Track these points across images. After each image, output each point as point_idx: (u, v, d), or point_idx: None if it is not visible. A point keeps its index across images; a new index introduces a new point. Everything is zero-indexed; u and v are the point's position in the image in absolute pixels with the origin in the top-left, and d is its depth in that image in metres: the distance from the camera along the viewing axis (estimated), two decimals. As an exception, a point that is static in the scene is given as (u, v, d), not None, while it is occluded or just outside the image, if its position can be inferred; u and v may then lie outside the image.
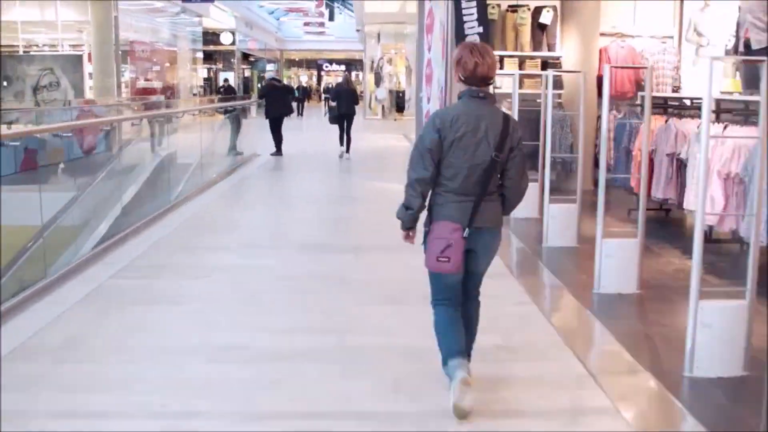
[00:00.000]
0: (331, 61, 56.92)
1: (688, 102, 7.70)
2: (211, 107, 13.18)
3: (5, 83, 16.32)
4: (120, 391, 3.56)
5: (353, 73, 57.66)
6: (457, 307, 3.41)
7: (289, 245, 6.88)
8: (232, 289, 5.34)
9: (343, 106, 14.21)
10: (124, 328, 4.44)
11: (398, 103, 29.79)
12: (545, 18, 9.87)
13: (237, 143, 13.78)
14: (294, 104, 26.52)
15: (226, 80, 25.88)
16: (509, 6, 9.97)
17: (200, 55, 27.34)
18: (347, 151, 14.04)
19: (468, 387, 3.17)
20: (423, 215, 3.39)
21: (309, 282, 5.54)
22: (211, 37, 31.76)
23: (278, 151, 14.47)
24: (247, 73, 38.91)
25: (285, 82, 28.81)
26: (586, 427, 3.30)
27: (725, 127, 5.73)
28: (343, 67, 57.66)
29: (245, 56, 37.32)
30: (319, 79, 54.75)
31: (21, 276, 6.25)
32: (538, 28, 9.94)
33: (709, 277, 4.90)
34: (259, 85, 15.66)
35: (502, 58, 9.40)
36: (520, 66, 9.56)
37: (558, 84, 9.03)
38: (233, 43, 31.97)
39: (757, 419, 3.36)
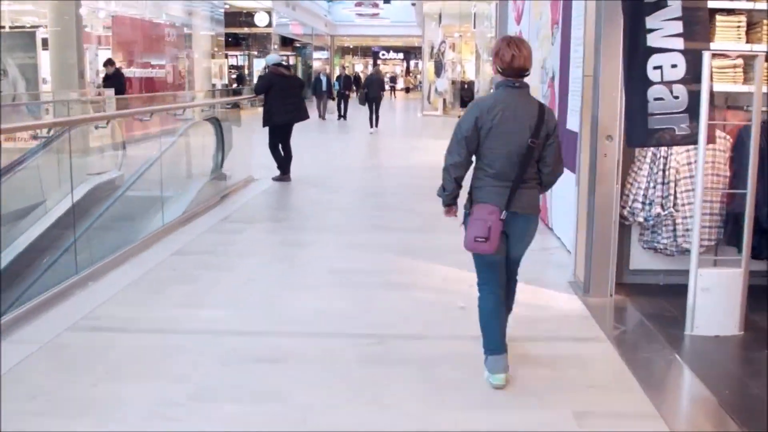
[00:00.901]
0: (388, 49, 52.38)
1: None
2: (169, 108, 8.37)
3: None
4: None
5: (412, 62, 53.46)
6: (499, 290, 3.50)
7: None
8: None
9: (373, 91, 17.86)
10: None
11: (463, 96, 24.36)
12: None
13: (221, 161, 8.91)
14: (332, 102, 21.55)
15: (232, 68, 21.09)
16: None
17: (222, 37, 22.51)
18: (376, 125, 17.53)
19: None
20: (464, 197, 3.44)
21: None
22: (243, 18, 27.21)
23: (284, 174, 9.55)
24: (292, 61, 34.30)
25: (337, 72, 23.56)
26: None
27: None
28: (401, 56, 53.06)
29: (287, 41, 32.67)
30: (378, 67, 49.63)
31: None
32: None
33: None
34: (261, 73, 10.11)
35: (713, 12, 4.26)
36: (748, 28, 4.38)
37: None
38: (269, 25, 27.27)
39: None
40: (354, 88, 33.69)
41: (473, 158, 3.37)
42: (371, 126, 17.49)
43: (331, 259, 5.42)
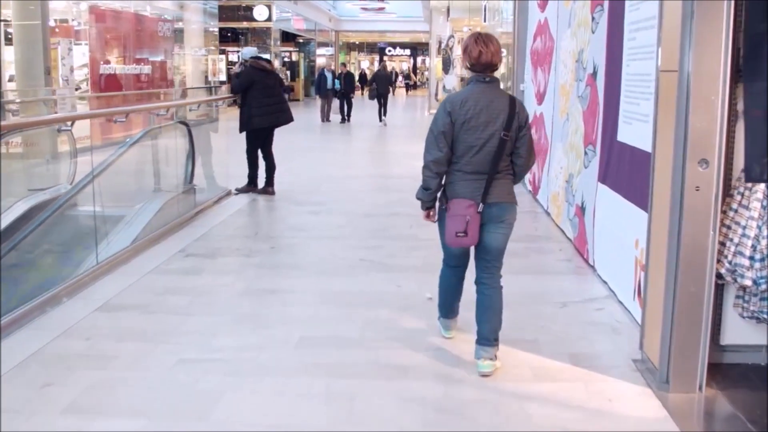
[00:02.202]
0: (394, 45, 50.96)
1: None
2: (119, 112, 6.98)
3: None
4: None
5: (419, 59, 51.96)
6: (461, 270, 3.68)
7: None
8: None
9: (381, 87, 19.08)
10: None
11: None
12: None
13: (191, 173, 7.51)
14: (334, 102, 19.60)
15: (232, 65, 19.55)
16: None
17: (216, 31, 21.08)
18: (384, 115, 18.93)
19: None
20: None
21: None
22: (242, 11, 25.79)
23: (268, 186, 8.16)
24: (294, 57, 32.87)
25: (338, 68, 21.33)
26: None
27: None
28: (408, 52, 51.61)
29: (289, 37, 31.23)
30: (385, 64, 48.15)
31: None
32: None
33: None
34: (238, 70, 8.59)
35: None
36: None
37: None
38: (269, 19, 25.84)
39: None
40: (359, 86, 32.13)
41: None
42: (380, 119, 18.83)
43: (305, 325, 3.98)
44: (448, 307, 3.77)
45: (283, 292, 4.53)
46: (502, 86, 3.58)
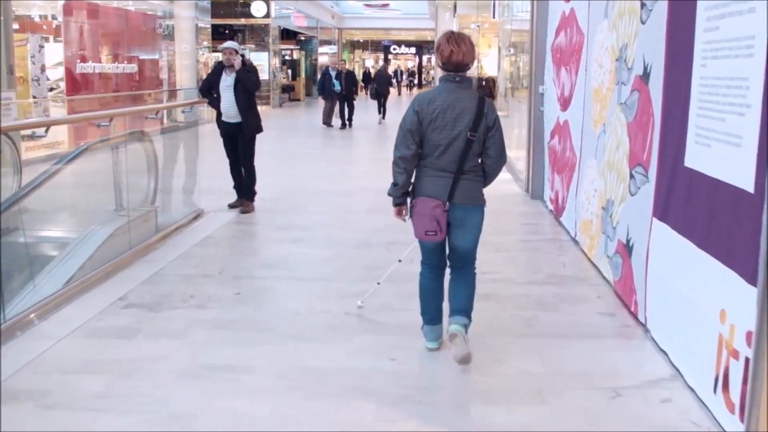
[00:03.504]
0: (399, 43, 49.83)
1: None
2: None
3: None
4: None
5: (425, 57, 50.72)
6: (439, 271, 3.66)
7: None
8: None
9: (381, 87, 19.70)
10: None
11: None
12: None
13: (153, 193, 6.39)
14: (334, 104, 17.82)
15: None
16: None
17: (209, 26, 19.92)
18: (383, 117, 19.12)
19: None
20: None
21: None
22: (239, 8, 24.64)
23: (245, 201, 7.06)
24: (295, 56, 31.72)
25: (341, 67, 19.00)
26: None
27: None
28: (413, 50, 50.43)
29: (289, 34, 30.08)
30: (386, 64, 46.95)
31: None
32: None
33: None
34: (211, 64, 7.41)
35: None
36: None
37: None
38: (267, 16, 24.68)
39: None
40: (363, 85, 30.78)
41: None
42: (380, 117, 19.22)
43: None
44: (430, 311, 3.66)
45: (237, 371, 3.37)
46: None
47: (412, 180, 3.48)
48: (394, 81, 34.38)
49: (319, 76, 19.68)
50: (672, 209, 3.61)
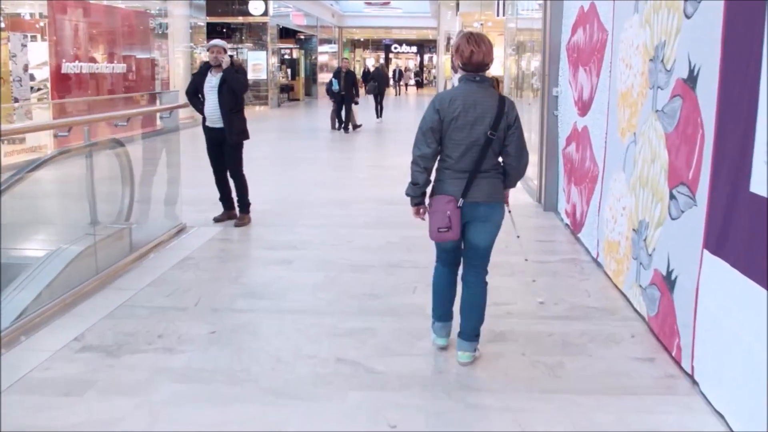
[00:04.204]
0: (400, 42, 49.24)
1: None
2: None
3: None
4: None
5: (426, 56, 50.04)
6: (453, 268, 3.64)
7: None
8: None
9: (379, 86, 19.87)
10: None
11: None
12: None
13: (128, 208, 5.77)
14: (354, 107, 16.44)
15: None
16: None
17: (203, 24, 19.28)
18: (380, 116, 19.24)
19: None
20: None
21: None
22: (236, 5, 24.00)
23: (241, 213, 6.48)
24: (294, 55, 31.05)
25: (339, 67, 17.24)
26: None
27: None
28: (414, 49, 49.80)
29: (288, 33, 29.42)
30: (387, 63, 46.25)
31: None
32: None
33: None
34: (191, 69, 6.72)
35: None
36: None
37: None
38: (265, 14, 24.04)
39: None
40: (364, 84, 30.01)
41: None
42: (377, 116, 19.20)
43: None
44: (440, 309, 3.68)
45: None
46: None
47: (432, 180, 3.47)
48: (391, 81, 33.85)
49: (332, 75, 17.92)
50: (731, 243, 2.98)
